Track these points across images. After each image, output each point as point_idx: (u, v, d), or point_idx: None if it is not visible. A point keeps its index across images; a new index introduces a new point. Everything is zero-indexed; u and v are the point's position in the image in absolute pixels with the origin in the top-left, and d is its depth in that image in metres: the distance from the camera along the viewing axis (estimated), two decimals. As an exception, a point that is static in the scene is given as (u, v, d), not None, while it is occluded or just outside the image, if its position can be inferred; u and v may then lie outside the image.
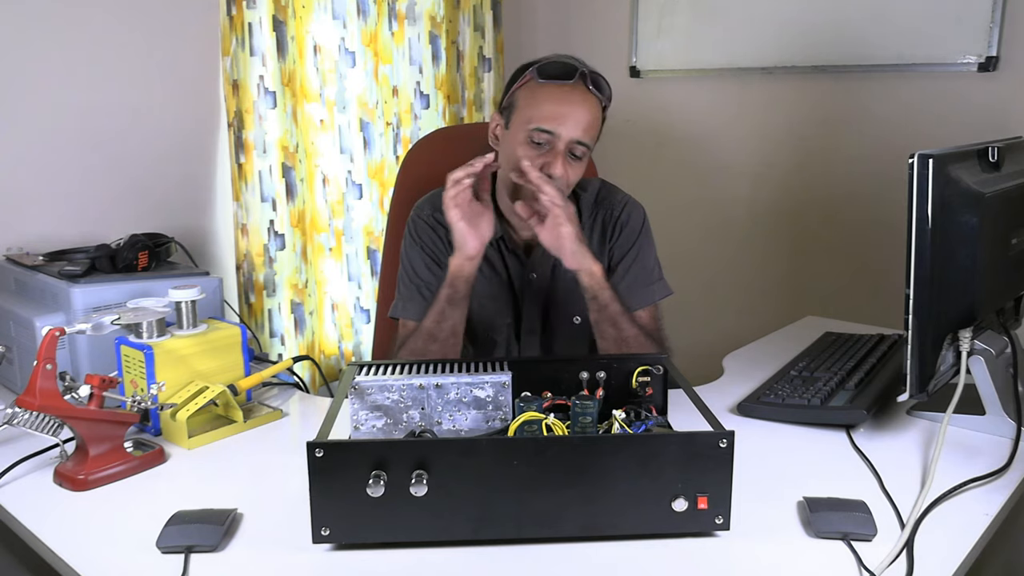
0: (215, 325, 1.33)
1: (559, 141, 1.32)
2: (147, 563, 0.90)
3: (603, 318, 1.36)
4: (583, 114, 1.33)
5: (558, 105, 1.32)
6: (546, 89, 1.34)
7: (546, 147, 1.33)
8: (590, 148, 1.36)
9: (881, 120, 2.16)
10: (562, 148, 1.33)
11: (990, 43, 1.95)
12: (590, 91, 1.34)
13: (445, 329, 1.36)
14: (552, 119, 1.32)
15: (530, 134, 1.33)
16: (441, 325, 1.35)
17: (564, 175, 1.33)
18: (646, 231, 1.51)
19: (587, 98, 1.34)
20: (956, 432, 1.22)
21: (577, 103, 1.33)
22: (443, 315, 1.35)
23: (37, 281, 1.45)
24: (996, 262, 1.19)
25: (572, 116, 1.32)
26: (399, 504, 0.89)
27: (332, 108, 2.13)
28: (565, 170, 1.33)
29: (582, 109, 1.33)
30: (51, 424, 1.10)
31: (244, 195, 1.96)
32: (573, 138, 1.33)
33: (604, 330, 1.37)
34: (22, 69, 1.66)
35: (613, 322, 1.36)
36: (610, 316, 1.36)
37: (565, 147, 1.33)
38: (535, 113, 1.33)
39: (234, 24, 1.89)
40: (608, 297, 1.35)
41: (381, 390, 1.07)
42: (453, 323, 1.36)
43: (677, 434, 1.02)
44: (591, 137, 1.35)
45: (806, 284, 2.38)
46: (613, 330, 1.36)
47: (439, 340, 1.36)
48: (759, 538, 0.94)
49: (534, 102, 1.34)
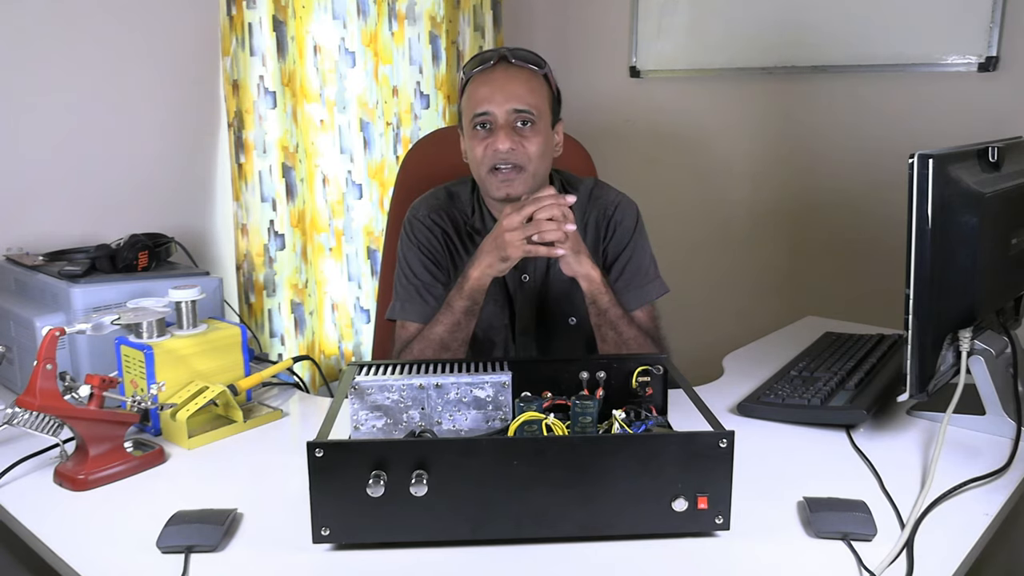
0: (215, 325, 1.33)
1: (496, 116, 1.35)
2: (147, 563, 0.90)
3: (603, 322, 1.36)
4: (511, 85, 1.36)
5: (486, 87, 1.37)
6: (473, 80, 1.39)
7: (489, 127, 1.36)
8: (534, 114, 1.36)
9: (881, 120, 2.16)
10: (502, 122, 1.35)
11: (990, 43, 1.95)
12: (513, 64, 1.38)
13: (458, 339, 1.36)
14: (483, 100, 1.36)
15: (473, 123, 1.37)
16: (455, 335, 1.35)
17: (516, 146, 1.34)
18: (640, 229, 1.50)
19: (512, 71, 1.37)
20: (956, 432, 1.22)
21: (501, 78, 1.36)
22: (458, 326, 1.35)
23: (37, 281, 1.45)
24: (996, 262, 1.19)
25: (500, 90, 1.35)
26: (399, 504, 0.89)
27: (332, 108, 2.13)
28: (513, 141, 1.34)
29: (509, 81, 1.36)
30: (51, 424, 1.10)
31: (244, 195, 1.96)
32: (509, 109, 1.35)
33: (605, 333, 1.37)
34: (22, 69, 1.66)
35: (613, 326, 1.36)
36: (610, 320, 1.36)
37: (505, 120, 1.35)
38: (470, 104, 1.38)
39: (234, 24, 1.89)
40: (608, 301, 1.35)
41: (381, 390, 1.07)
42: (467, 333, 1.36)
43: (677, 434, 1.02)
44: (531, 103, 1.36)
45: (806, 284, 2.38)
46: (613, 333, 1.36)
47: (451, 350, 1.36)
48: (759, 538, 0.94)
49: (469, 97, 1.39)
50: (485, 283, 1.33)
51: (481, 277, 1.31)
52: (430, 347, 1.36)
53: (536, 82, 1.39)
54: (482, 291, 1.33)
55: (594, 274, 1.33)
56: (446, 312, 1.35)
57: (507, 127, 1.35)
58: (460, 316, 1.34)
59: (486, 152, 1.36)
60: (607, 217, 1.49)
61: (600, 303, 1.35)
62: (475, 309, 1.34)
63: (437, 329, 1.35)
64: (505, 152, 1.34)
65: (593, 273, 1.33)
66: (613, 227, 1.49)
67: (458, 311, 1.34)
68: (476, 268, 1.31)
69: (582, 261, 1.31)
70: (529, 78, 1.38)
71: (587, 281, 1.33)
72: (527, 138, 1.36)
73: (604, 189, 1.53)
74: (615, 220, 1.49)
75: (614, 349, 1.37)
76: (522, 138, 1.36)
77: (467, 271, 1.33)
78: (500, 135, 1.34)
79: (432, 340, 1.36)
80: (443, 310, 1.36)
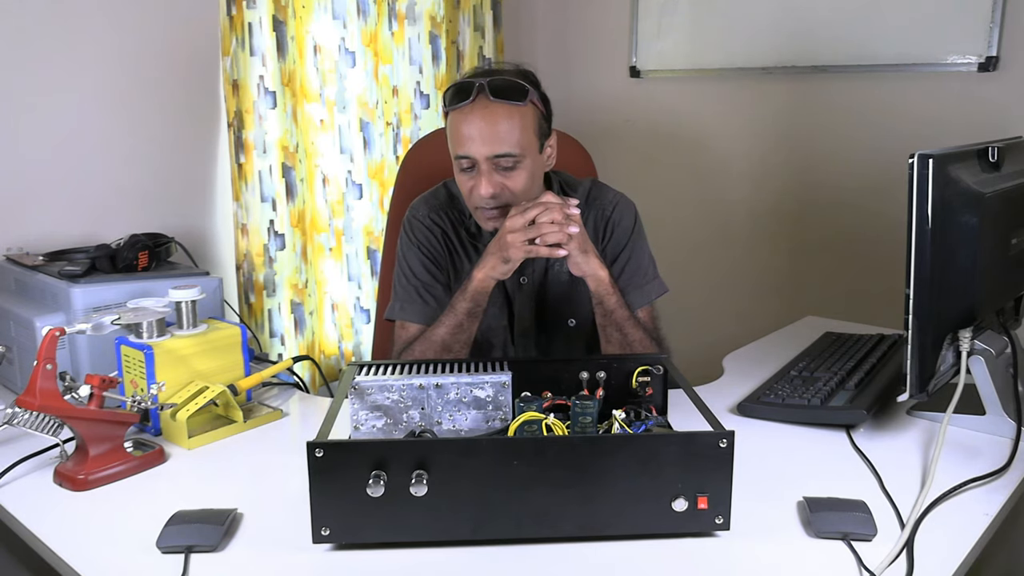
0: (215, 325, 1.33)
1: (478, 162, 1.32)
2: (147, 563, 0.90)
3: (609, 323, 1.36)
4: (490, 127, 1.30)
5: (464, 127, 1.31)
6: (453, 116, 1.34)
7: (472, 170, 1.34)
8: (515, 154, 1.32)
9: (881, 120, 2.16)
10: (484, 167, 1.32)
11: (990, 43, 1.95)
12: (493, 101, 1.30)
13: (461, 340, 1.36)
14: (463, 144, 1.32)
15: (457, 164, 1.35)
16: (458, 337, 1.35)
17: (498, 189, 1.33)
18: (639, 229, 1.50)
19: (492, 108, 1.30)
20: (956, 432, 1.22)
21: (479, 120, 1.30)
22: (461, 328, 1.34)
23: (37, 281, 1.45)
24: (996, 262, 1.19)
25: (479, 135, 1.30)
26: (399, 504, 0.89)
27: (332, 108, 2.13)
28: (495, 185, 1.32)
29: (488, 122, 1.30)
30: (51, 424, 1.10)
31: (244, 195, 1.96)
32: (488, 155, 1.31)
33: (610, 335, 1.37)
34: (22, 69, 1.66)
35: (619, 327, 1.36)
36: (616, 321, 1.35)
37: (487, 166, 1.32)
38: (452, 142, 1.35)
39: (234, 24, 1.89)
40: (615, 302, 1.34)
41: (381, 390, 1.07)
42: (469, 335, 1.36)
43: (677, 434, 1.02)
44: (511, 144, 1.31)
45: (806, 284, 2.38)
46: (619, 335, 1.36)
47: (453, 351, 1.36)
48: (759, 538, 0.94)
49: (450, 131, 1.36)
50: (489, 286, 1.33)
51: (484, 279, 1.31)
52: (432, 348, 1.36)
53: (518, 116, 1.31)
54: (485, 293, 1.33)
55: (602, 274, 1.32)
56: (449, 314, 1.35)
57: (488, 172, 1.32)
58: (463, 318, 1.34)
59: (471, 193, 1.35)
60: (605, 217, 1.49)
61: (607, 303, 1.34)
62: (478, 312, 1.34)
63: (439, 331, 1.35)
64: (488, 197, 1.33)
65: (601, 273, 1.32)
66: (612, 227, 1.49)
67: (461, 313, 1.34)
68: (480, 270, 1.31)
69: (590, 260, 1.31)
70: (510, 115, 1.31)
71: (595, 281, 1.33)
72: (510, 178, 1.34)
73: (602, 189, 1.53)
74: (613, 220, 1.49)
75: (618, 350, 1.37)
76: (505, 179, 1.33)
77: (472, 273, 1.33)
78: (482, 182, 1.32)
79: (434, 342, 1.36)
80: (446, 312, 1.36)
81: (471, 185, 1.35)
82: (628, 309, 1.36)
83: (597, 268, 1.32)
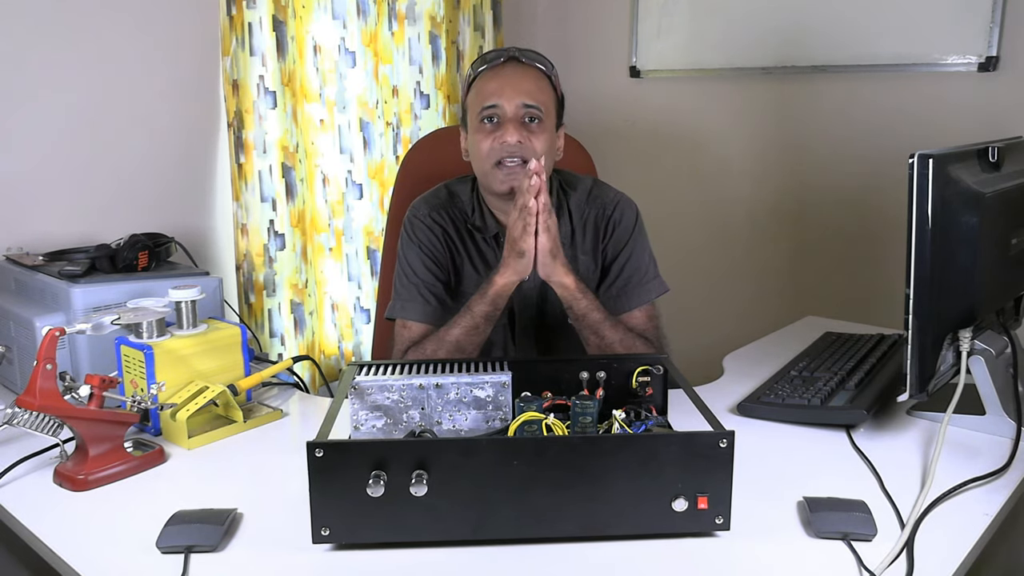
0: (215, 325, 1.33)
1: (505, 110, 1.36)
2: (147, 563, 0.90)
3: (583, 326, 1.37)
4: (521, 81, 1.37)
5: (494, 81, 1.38)
6: (482, 76, 1.40)
7: (496, 121, 1.37)
8: (542, 111, 1.37)
9: (881, 120, 2.16)
10: (511, 115, 1.36)
11: (990, 43, 1.95)
12: (523, 63, 1.40)
13: (474, 342, 1.36)
14: (492, 94, 1.37)
15: (480, 117, 1.38)
16: (472, 339, 1.35)
17: (524, 140, 1.35)
18: (639, 229, 1.50)
19: (521, 68, 1.39)
20: (956, 432, 1.22)
21: (511, 74, 1.38)
22: (477, 330, 1.35)
23: (37, 281, 1.45)
24: (996, 262, 1.19)
25: (510, 85, 1.37)
26: (399, 504, 0.89)
27: (332, 108, 2.13)
28: (521, 135, 1.35)
29: (519, 77, 1.38)
30: (51, 424, 1.10)
31: (244, 195, 1.96)
32: (518, 103, 1.36)
33: (587, 337, 1.38)
34: (22, 69, 1.66)
35: (594, 330, 1.36)
36: (590, 324, 1.36)
37: (514, 114, 1.36)
38: (478, 99, 1.39)
39: (234, 24, 1.89)
40: (585, 307, 1.35)
41: (381, 390, 1.07)
42: (483, 337, 1.36)
43: (677, 434, 1.02)
44: (540, 100, 1.37)
45: (806, 284, 2.38)
46: (595, 338, 1.37)
47: (466, 352, 1.36)
48: (759, 538, 0.94)
49: (476, 92, 1.40)
50: (510, 289, 1.34)
51: (506, 284, 1.32)
52: (444, 348, 1.36)
53: (544, 82, 1.41)
54: (505, 297, 1.34)
55: (567, 281, 1.33)
56: (465, 315, 1.35)
57: (516, 120, 1.36)
58: (480, 320, 1.34)
59: (493, 145, 1.36)
60: (606, 216, 1.49)
61: (576, 308, 1.35)
62: (495, 315, 1.35)
63: (454, 331, 1.35)
64: (513, 145, 1.35)
65: (566, 280, 1.33)
66: (612, 226, 1.49)
67: (478, 316, 1.34)
68: (502, 275, 1.32)
69: (556, 268, 1.31)
70: (538, 77, 1.40)
71: (561, 288, 1.34)
72: (534, 134, 1.37)
73: (603, 188, 1.53)
74: (614, 219, 1.49)
75: (596, 352, 1.37)
76: (530, 133, 1.37)
77: (492, 277, 1.33)
78: (509, 127, 1.35)
79: (448, 342, 1.36)
80: (462, 313, 1.36)
81: (494, 137, 1.36)
82: (602, 311, 1.36)
83: (563, 275, 1.32)
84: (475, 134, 1.40)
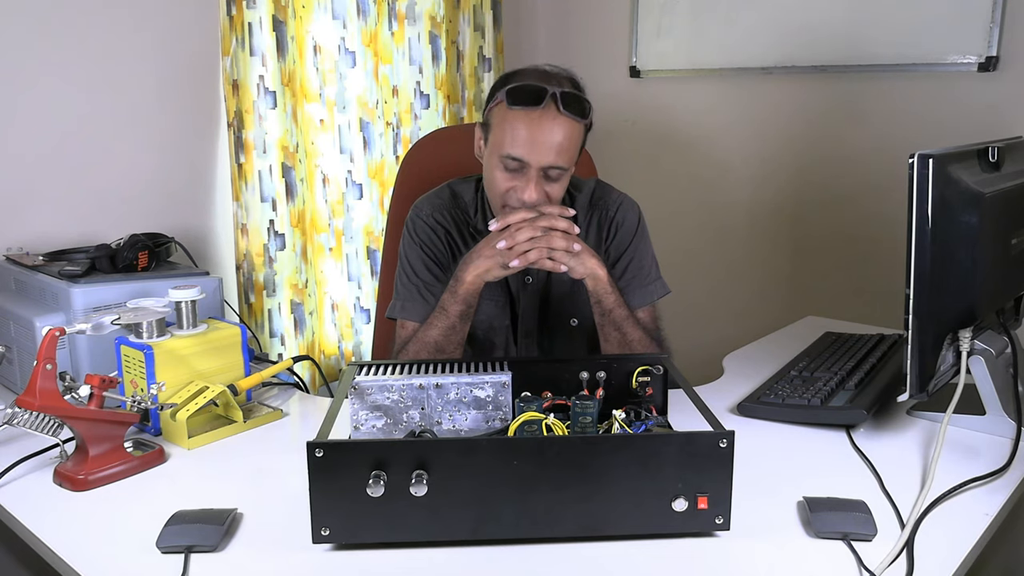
0: (215, 325, 1.33)
1: (531, 168, 1.30)
2: (147, 563, 0.90)
3: (607, 322, 1.36)
4: (554, 138, 1.28)
5: (527, 131, 1.28)
6: (515, 114, 1.29)
7: (519, 172, 1.31)
8: (566, 169, 1.32)
9: (881, 120, 2.16)
10: (534, 175, 1.30)
11: (990, 43, 1.95)
12: (562, 114, 1.28)
13: (454, 341, 1.35)
14: (522, 147, 1.28)
15: (503, 160, 1.31)
16: (450, 338, 1.35)
17: (541, 197, 1.31)
18: (642, 230, 1.50)
19: (559, 120, 1.28)
20: (956, 432, 1.22)
21: (547, 128, 1.28)
22: (454, 329, 1.34)
23: (37, 281, 1.45)
24: (996, 262, 1.19)
25: (542, 142, 1.28)
26: (399, 504, 0.89)
27: (332, 108, 2.13)
28: (540, 192, 1.31)
29: (553, 133, 1.28)
30: (51, 424, 1.10)
31: (244, 195, 1.96)
32: (544, 164, 1.29)
33: (608, 334, 1.37)
34: (22, 69, 1.66)
35: (617, 326, 1.35)
36: (614, 320, 1.35)
37: (537, 173, 1.30)
38: (505, 139, 1.30)
39: (234, 24, 1.89)
40: (613, 301, 1.34)
41: (381, 390, 1.07)
42: (462, 336, 1.36)
43: (677, 434, 1.02)
44: (566, 159, 1.31)
45: (806, 284, 2.38)
46: (617, 334, 1.36)
47: (447, 352, 1.36)
48: (759, 538, 0.94)
49: (505, 127, 1.30)
50: (480, 286, 1.32)
51: (476, 281, 1.31)
52: (424, 350, 1.36)
53: (577, 132, 1.32)
54: (476, 294, 1.33)
55: (600, 272, 1.32)
56: (440, 315, 1.34)
57: (537, 179, 1.30)
58: (455, 320, 1.34)
59: (509, 192, 1.33)
60: (609, 217, 1.49)
61: (605, 303, 1.34)
62: (470, 313, 1.34)
63: (432, 332, 1.35)
64: (531, 202, 1.30)
65: (599, 272, 1.32)
66: (615, 227, 1.49)
67: (453, 315, 1.33)
68: (471, 272, 1.30)
69: (584, 260, 1.30)
70: (572, 130, 1.30)
71: (593, 280, 1.32)
72: (553, 188, 1.33)
73: (606, 189, 1.53)
74: (617, 220, 1.49)
75: (617, 350, 1.37)
76: (548, 188, 1.33)
77: (460, 274, 1.32)
78: (530, 187, 1.30)
79: (427, 343, 1.36)
80: (436, 313, 1.35)
81: (512, 185, 1.32)
82: (627, 308, 1.36)
83: (595, 268, 1.31)
84: (493, 169, 1.34)
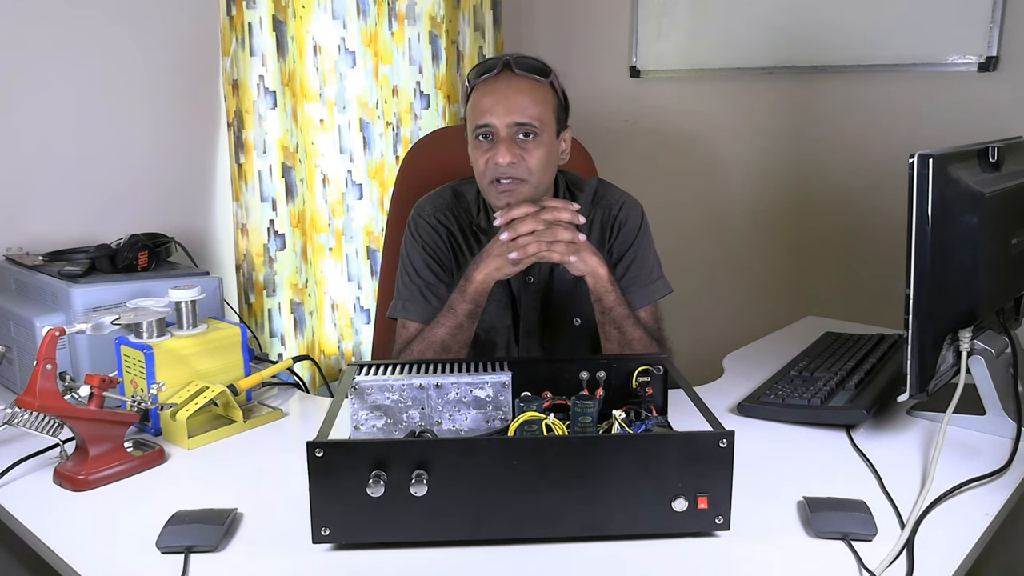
0: (215, 325, 1.33)
1: (498, 130, 1.33)
2: (147, 563, 0.90)
3: (607, 320, 1.35)
4: (515, 96, 1.33)
5: (487, 97, 1.34)
6: (478, 89, 1.37)
7: (491, 138, 1.35)
8: (536, 125, 1.34)
9: (881, 120, 2.16)
10: (504, 135, 1.33)
11: (990, 43, 1.95)
12: (517, 74, 1.35)
13: (460, 341, 1.35)
14: (485, 112, 1.34)
15: (475, 133, 1.36)
16: (457, 338, 1.35)
17: (516, 160, 1.33)
18: (645, 229, 1.50)
19: (515, 81, 1.35)
20: (956, 432, 1.22)
21: (504, 89, 1.34)
22: (461, 328, 1.34)
23: (37, 281, 1.45)
24: (996, 262, 1.19)
25: (502, 102, 1.33)
26: (399, 504, 0.89)
27: (332, 108, 2.13)
28: (514, 154, 1.32)
29: (512, 92, 1.33)
30: (51, 424, 1.10)
31: (244, 195, 1.96)
32: (510, 122, 1.32)
33: (608, 332, 1.37)
34: (22, 69, 1.66)
35: (617, 325, 1.35)
36: (614, 319, 1.35)
37: (507, 133, 1.33)
38: (472, 116, 1.36)
39: (234, 24, 1.89)
40: (613, 300, 1.34)
41: (381, 390, 1.07)
42: (469, 335, 1.36)
43: (677, 434, 1.02)
44: (533, 115, 1.33)
45: (806, 284, 2.38)
46: (617, 333, 1.36)
47: (452, 352, 1.36)
48: (759, 538, 0.94)
49: (472, 106, 1.37)
50: (489, 286, 1.32)
51: (485, 280, 1.31)
52: (431, 349, 1.36)
53: (540, 92, 1.36)
54: (485, 294, 1.33)
55: (601, 271, 1.32)
56: (448, 315, 1.35)
57: (508, 140, 1.33)
58: (463, 319, 1.34)
59: (487, 164, 1.35)
60: (612, 217, 1.49)
61: (605, 301, 1.34)
62: (478, 312, 1.34)
63: (439, 331, 1.35)
64: (505, 166, 1.32)
65: (600, 270, 1.32)
66: (618, 227, 1.49)
67: (461, 314, 1.33)
68: (481, 271, 1.31)
69: (586, 258, 1.30)
70: (533, 88, 1.35)
71: (593, 278, 1.32)
72: (528, 151, 1.34)
73: (609, 189, 1.53)
74: (620, 220, 1.49)
75: (617, 349, 1.36)
76: (523, 151, 1.34)
77: (470, 274, 1.32)
78: (500, 149, 1.32)
79: (433, 342, 1.36)
80: (444, 312, 1.35)
81: (487, 156, 1.34)
82: (628, 307, 1.36)
83: (596, 265, 1.31)
84: (472, 150, 1.38)
